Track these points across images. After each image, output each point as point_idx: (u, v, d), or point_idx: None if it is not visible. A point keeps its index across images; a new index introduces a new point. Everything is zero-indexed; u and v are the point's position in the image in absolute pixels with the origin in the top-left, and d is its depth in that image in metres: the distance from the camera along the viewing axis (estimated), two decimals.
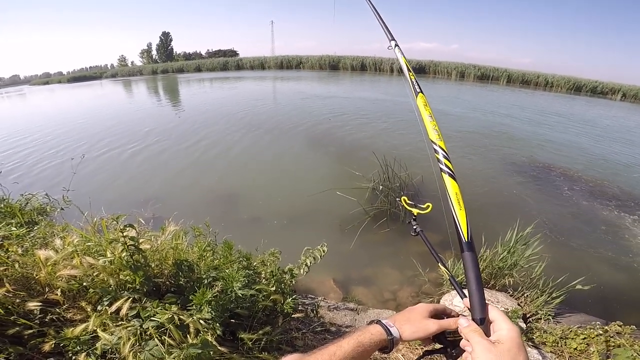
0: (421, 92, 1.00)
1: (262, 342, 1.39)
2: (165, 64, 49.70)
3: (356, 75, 32.31)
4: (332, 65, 37.19)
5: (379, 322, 0.67)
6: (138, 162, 7.08)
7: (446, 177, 0.78)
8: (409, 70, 1.09)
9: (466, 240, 0.70)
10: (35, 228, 1.62)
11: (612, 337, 2.32)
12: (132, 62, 63.93)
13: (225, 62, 42.53)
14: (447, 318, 0.70)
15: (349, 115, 11.40)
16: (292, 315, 1.70)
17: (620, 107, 22.52)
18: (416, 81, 1.04)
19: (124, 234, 1.21)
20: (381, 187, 4.97)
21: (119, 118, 11.84)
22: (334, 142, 8.30)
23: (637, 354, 1.99)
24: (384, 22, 1.34)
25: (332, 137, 8.82)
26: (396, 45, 1.24)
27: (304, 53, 41.72)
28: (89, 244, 1.34)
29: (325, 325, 2.36)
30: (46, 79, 52.69)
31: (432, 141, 0.85)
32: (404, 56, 1.17)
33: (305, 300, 2.83)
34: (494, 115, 13.30)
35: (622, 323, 2.43)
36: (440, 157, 0.81)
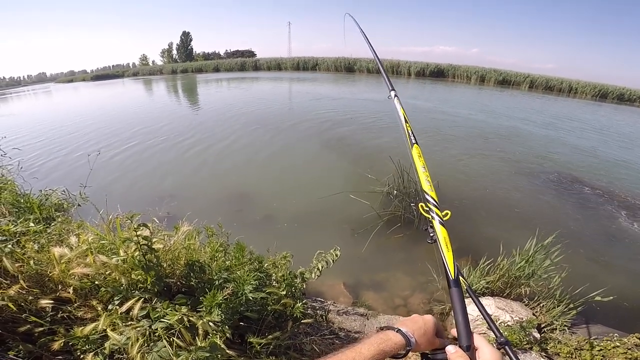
0: (416, 143, 1.07)
1: (271, 347, 1.37)
2: (184, 63, 50.76)
3: (372, 77, 32.09)
4: (348, 68, 37.04)
5: (399, 330, 0.69)
6: (155, 160, 7.23)
7: (436, 224, 0.86)
8: (406, 121, 1.16)
9: (453, 277, 0.77)
10: (53, 224, 1.65)
11: (629, 349, 2.23)
12: (153, 61, 65.57)
13: (242, 62, 43.10)
14: (443, 339, 0.76)
15: (363, 118, 11.35)
16: (302, 321, 1.68)
17: None
18: (412, 132, 1.11)
19: (138, 233, 1.21)
20: (395, 192, 4.90)
21: (138, 116, 12.15)
22: (348, 145, 8.27)
23: None
24: (385, 74, 1.48)
25: (347, 139, 8.78)
26: (395, 95, 1.31)
27: (319, 55, 41.76)
28: (103, 242, 1.35)
29: (335, 330, 2.33)
30: (71, 77, 54.63)
31: (424, 191, 0.92)
32: (402, 108, 1.23)
33: (315, 304, 2.80)
34: (517, 120, 12.99)
35: None
36: (432, 206, 0.89)
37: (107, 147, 8.02)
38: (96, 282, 1.25)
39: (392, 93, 1.32)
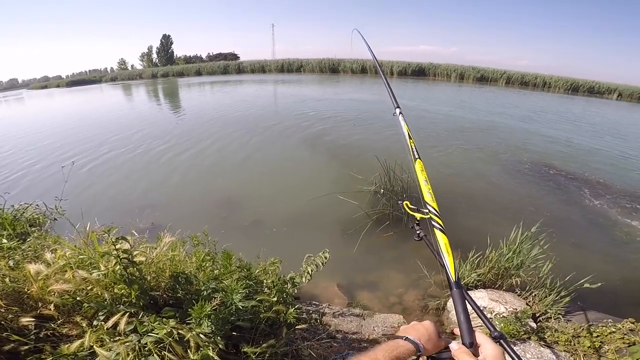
0: (419, 158, 1.14)
1: (267, 355, 1.32)
2: (165, 67, 49.84)
3: (356, 78, 32.29)
4: (332, 69, 37.18)
5: (407, 338, 0.73)
6: (135, 168, 6.98)
7: (438, 232, 0.91)
8: (410, 137, 1.21)
9: (454, 280, 0.81)
10: (28, 240, 1.56)
11: (625, 334, 2.29)
12: (132, 66, 64.02)
13: (225, 65, 42.52)
14: (444, 338, 0.80)
15: (348, 118, 11.39)
16: (296, 326, 1.64)
17: (618, 106, 22.61)
18: (415, 148, 1.18)
19: (117, 246, 1.15)
20: (382, 190, 4.90)
21: (115, 123, 11.71)
22: (334, 145, 8.26)
23: None
24: (392, 91, 1.52)
25: (332, 139, 8.77)
26: (400, 112, 1.36)
27: (304, 56, 41.74)
28: (82, 257, 1.27)
29: (332, 333, 2.30)
30: (45, 83, 52.81)
31: (426, 202, 1.00)
32: (407, 124, 1.28)
33: (309, 308, 2.76)
34: (495, 115, 13.34)
35: (634, 320, 2.40)
36: (433, 215, 0.96)
37: (83, 157, 7.69)
38: (78, 298, 1.18)
39: (397, 110, 1.36)
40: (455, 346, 0.71)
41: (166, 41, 61.59)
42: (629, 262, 4.05)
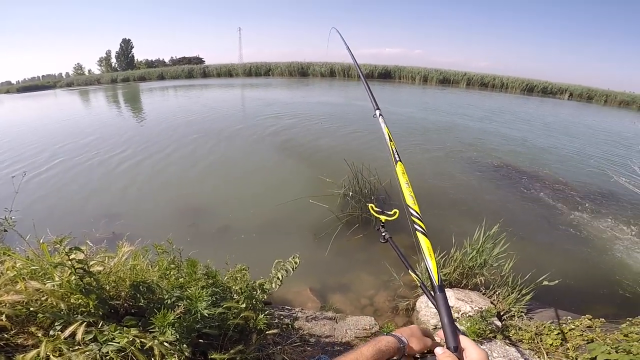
0: (400, 160, 1.11)
1: None
2: (125, 72, 47.61)
3: (325, 81, 32.64)
4: (302, 72, 37.27)
5: (389, 334, 0.77)
6: (91, 178, 6.57)
7: (420, 235, 0.90)
8: (390, 139, 1.20)
9: (437, 284, 0.80)
10: None
11: (583, 331, 2.40)
12: (89, 71, 60.64)
13: (190, 69, 41.31)
14: (431, 338, 0.82)
15: (316, 121, 11.45)
16: (267, 332, 1.61)
17: (570, 106, 24.59)
18: (396, 150, 1.15)
19: (71, 257, 1.08)
20: (351, 193, 4.97)
21: (70, 131, 10.94)
22: (302, 149, 8.25)
23: (611, 348, 2.06)
24: (371, 93, 1.51)
25: (300, 143, 8.77)
26: (380, 114, 1.34)
27: (273, 60, 41.47)
28: (34, 267, 1.19)
29: (304, 337, 2.29)
30: None
31: (408, 205, 0.98)
32: (387, 127, 1.26)
33: (282, 312, 2.73)
34: (456, 116, 13.97)
35: (591, 317, 2.52)
36: (415, 218, 0.95)
37: (35, 166, 7.14)
38: (32, 309, 1.11)
39: (377, 112, 1.35)
40: (439, 350, 0.72)
41: (126, 45, 59.01)
42: (585, 258, 4.31)
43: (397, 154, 1.13)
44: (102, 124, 12.08)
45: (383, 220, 1.12)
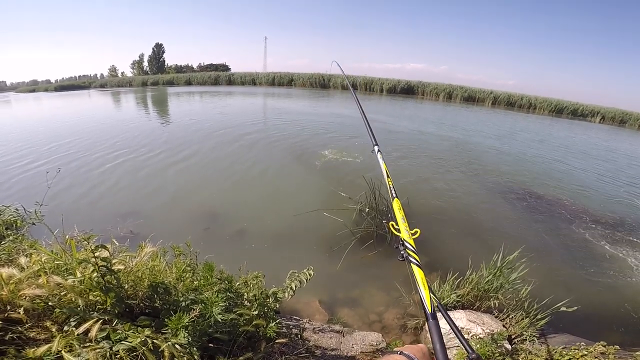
0: (397, 196, 1.21)
1: None
2: (155, 75, 49.61)
3: (345, 93, 32.82)
4: (322, 84, 37.70)
5: (402, 353, 0.76)
6: (118, 177, 6.85)
7: (415, 267, 0.96)
8: (388, 176, 1.28)
9: (430, 312, 0.83)
10: (2, 243, 1.52)
11: (596, 357, 2.32)
12: (122, 73, 63.59)
13: (216, 76, 42.63)
14: None
15: (336, 134, 11.53)
16: (276, 340, 1.63)
17: (600, 130, 23.52)
18: (393, 187, 1.25)
19: (96, 254, 1.14)
20: (367, 209, 4.95)
21: (101, 130, 11.53)
22: (320, 161, 8.30)
23: None
24: (370, 128, 1.58)
25: (318, 155, 8.82)
26: (379, 150, 1.42)
27: (295, 70, 42.22)
28: (58, 262, 1.25)
29: (311, 348, 2.27)
30: (33, 87, 51.70)
31: (404, 240, 1.05)
32: (385, 163, 1.33)
33: (289, 322, 2.73)
34: (480, 136, 13.69)
35: (605, 343, 2.43)
36: (410, 252, 1.00)
37: (67, 163, 7.54)
38: (50, 303, 1.16)
39: (376, 148, 1.43)
40: None
41: (158, 50, 61.65)
42: (604, 286, 4.15)
43: (395, 191, 1.21)
44: (131, 125, 12.61)
45: (402, 239, 1.12)
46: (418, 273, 0.94)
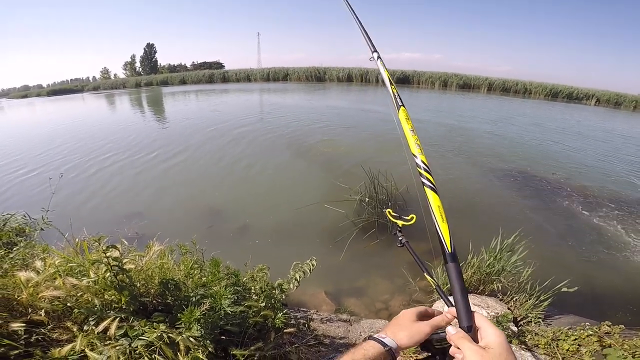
0: (403, 105, 0.98)
1: (255, 358, 1.36)
2: (149, 76, 49.32)
3: (342, 86, 32.71)
4: (318, 77, 37.51)
5: (370, 337, 0.68)
6: (120, 179, 6.89)
7: (428, 191, 0.79)
8: (391, 83, 1.05)
9: (450, 251, 0.72)
10: (15, 249, 1.56)
11: (602, 337, 2.36)
12: (115, 75, 63.18)
13: (210, 74, 42.37)
14: (430, 318, 0.72)
15: (331, 126, 11.56)
16: (284, 330, 1.67)
17: (595, 112, 23.60)
18: (398, 94, 1.02)
19: (107, 254, 1.18)
20: (367, 199, 4.99)
21: (98, 134, 11.48)
22: (319, 154, 8.34)
23: (628, 353, 2.02)
24: (367, 33, 1.31)
25: (316, 148, 8.85)
26: (379, 57, 1.19)
27: (291, 65, 42.03)
28: (72, 264, 1.29)
29: (319, 337, 2.33)
30: (25, 92, 51.35)
31: (413, 155, 0.86)
32: (386, 69, 1.13)
33: (297, 314, 2.79)
34: (475, 122, 13.71)
35: (610, 323, 2.47)
36: (422, 170, 0.83)
37: (68, 168, 7.58)
38: (68, 304, 1.20)
39: (375, 55, 1.21)
40: (452, 330, 0.63)
41: (150, 50, 61.20)
42: (607, 266, 4.21)
43: (400, 99, 1.01)
44: (128, 127, 12.62)
45: (400, 225, 1.11)
46: (433, 199, 0.77)
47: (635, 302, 3.55)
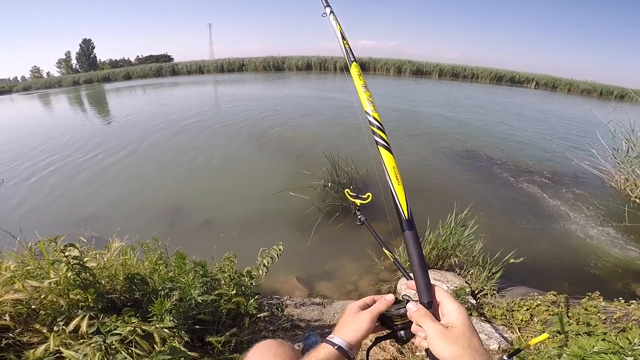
0: (355, 61, 0.92)
1: (232, 344, 1.38)
2: (88, 73, 45.41)
3: (302, 74, 32.48)
4: (277, 67, 36.96)
5: (322, 340, 0.66)
6: (67, 181, 6.38)
7: (382, 150, 0.74)
8: (343, 38, 0.98)
9: (406, 218, 0.67)
10: None
11: (549, 306, 2.57)
12: (48, 73, 57.40)
13: (158, 67, 39.92)
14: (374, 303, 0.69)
15: (291, 115, 11.51)
16: (258, 315, 1.70)
17: (534, 95, 25.74)
18: (350, 50, 0.95)
19: (66, 254, 1.13)
20: (330, 183, 5.08)
21: (38, 135, 10.47)
22: (279, 143, 8.29)
23: (572, 320, 2.24)
24: None
25: (276, 137, 8.80)
26: (331, 12, 1.08)
27: (247, 56, 40.76)
28: (28, 267, 1.22)
29: (294, 321, 2.39)
30: None
31: (366, 112, 0.80)
32: (339, 24, 1.04)
33: (271, 301, 2.82)
34: (427, 106, 14.36)
35: (556, 292, 2.69)
36: (375, 128, 0.77)
37: (8, 172, 6.90)
38: (33, 307, 1.15)
39: (328, 10, 1.10)
40: (412, 307, 0.61)
41: (87, 45, 56.35)
42: (548, 237, 4.62)
43: (352, 54, 0.94)
44: (67, 126, 11.53)
45: (358, 204, 1.14)
46: (388, 159, 0.72)
47: (575, 272, 3.93)
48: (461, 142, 8.74)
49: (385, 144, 0.74)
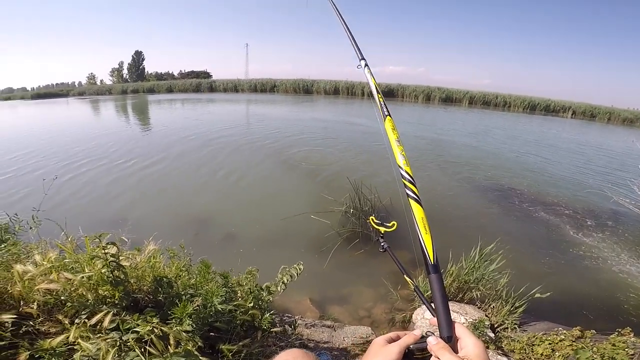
0: (389, 115, 0.98)
1: (242, 354, 1.42)
2: (136, 83, 48.80)
3: (329, 98, 33.16)
4: (306, 89, 37.93)
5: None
6: (107, 185, 6.81)
7: (412, 202, 0.79)
8: (378, 92, 1.05)
9: (432, 263, 0.73)
10: (3, 246, 1.59)
11: (574, 341, 2.44)
12: (101, 81, 62.19)
13: (198, 83, 42.21)
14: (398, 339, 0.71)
15: (319, 139, 11.71)
16: (271, 330, 1.74)
17: (571, 124, 24.60)
18: (384, 104, 1.01)
19: (106, 251, 1.23)
20: (352, 210, 5.10)
21: (84, 139, 11.31)
22: (304, 165, 8.44)
23: (597, 355, 2.12)
24: (354, 40, 1.28)
25: (303, 160, 8.95)
26: (366, 65, 1.17)
27: (279, 76, 42.29)
28: (67, 260, 1.34)
29: (304, 342, 2.39)
30: (8, 95, 49.67)
31: (399, 166, 0.86)
32: (373, 77, 1.12)
33: (283, 319, 2.84)
34: (456, 135, 14.14)
35: (582, 328, 2.57)
36: (407, 182, 0.83)
37: (58, 171, 7.48)
38: (62, 298, 1.24)
39: (362, 62, 1.18)
40: (433, 340, 0.65)
41: (138, 57, 60.77)
42: (579, 274, 4.40)
43: (386, 108, 0.99)
44: (111, 134, 12.42)
45: (382, 232, 1.16)
46: (417, 210, 0.77)
47: (606, 309, 3.71)
48: (490, 173, 8.49)
49: (416, 197, 0.80)
